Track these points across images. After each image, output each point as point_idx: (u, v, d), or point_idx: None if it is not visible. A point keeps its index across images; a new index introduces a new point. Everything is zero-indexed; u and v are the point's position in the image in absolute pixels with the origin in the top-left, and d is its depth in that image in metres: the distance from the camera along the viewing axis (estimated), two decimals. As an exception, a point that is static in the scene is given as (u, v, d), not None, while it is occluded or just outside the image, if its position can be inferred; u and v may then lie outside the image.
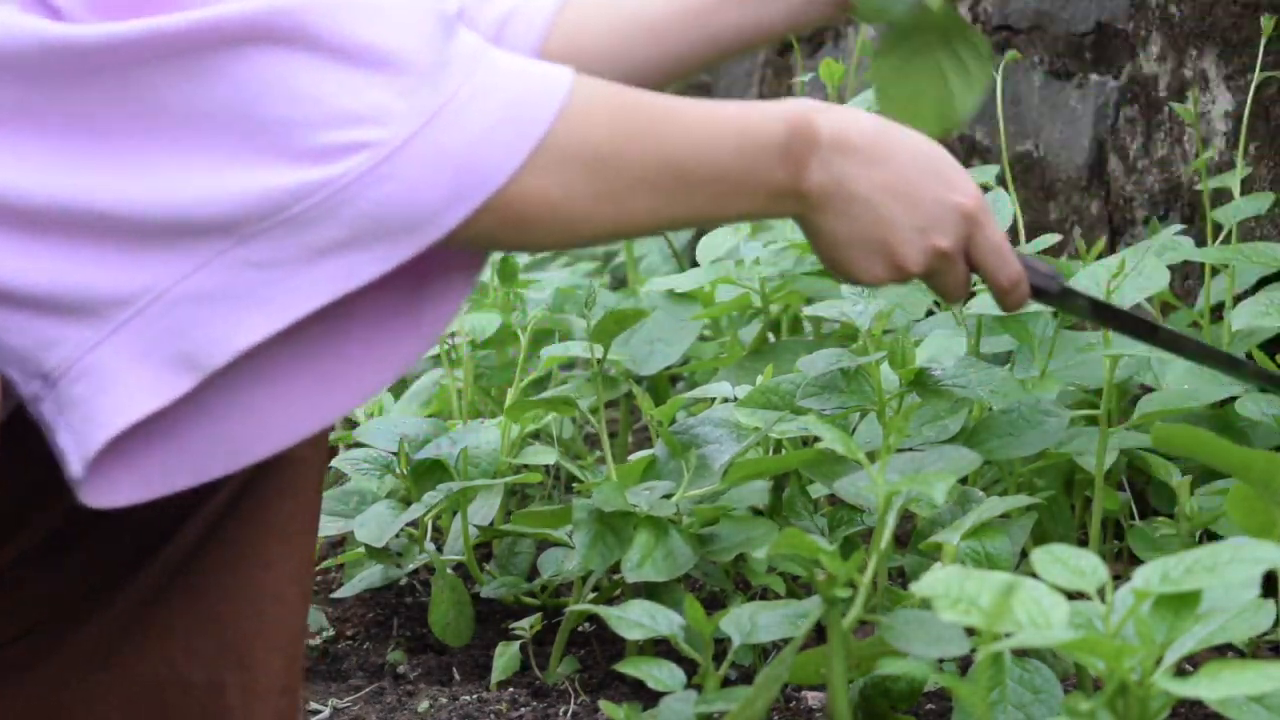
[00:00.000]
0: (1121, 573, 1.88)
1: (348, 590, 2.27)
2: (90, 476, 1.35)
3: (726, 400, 2.18)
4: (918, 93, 1.69)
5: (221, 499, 1.59)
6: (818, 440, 1.91)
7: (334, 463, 2.27)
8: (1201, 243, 2.28)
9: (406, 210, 1.34)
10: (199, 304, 1.33)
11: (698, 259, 2.52)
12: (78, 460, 1.35)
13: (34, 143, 1.31)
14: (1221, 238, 2.28)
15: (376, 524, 2.16)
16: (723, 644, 1.78)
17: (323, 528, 2.21)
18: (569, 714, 2.01)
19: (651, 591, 2.00)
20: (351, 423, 2.58)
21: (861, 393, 1.99)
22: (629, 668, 1.82)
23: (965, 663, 1.93)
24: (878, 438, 1.99)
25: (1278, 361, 2.10)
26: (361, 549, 2.24)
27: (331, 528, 2.22)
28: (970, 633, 1.63)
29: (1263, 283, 2.24)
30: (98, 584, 1.59)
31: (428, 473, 2.19)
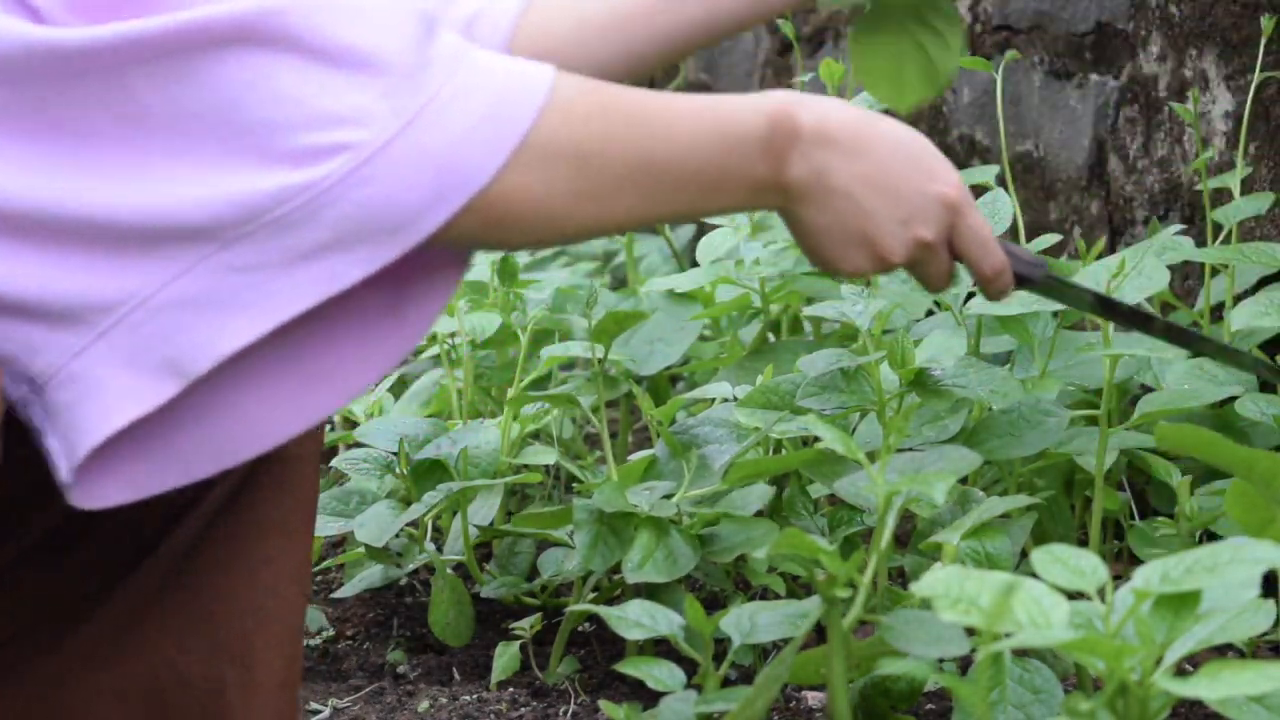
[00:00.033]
0: (1121, 573, 1.88)
1: (348, 590, 2.27)
2: (78, 478, 1.36)
3: (726, 400, 2.18)
4: (898, 66, 1.70)
5: (218, 496, 1.59)
6: (818, 440, 1.91)
7: (334, 463, 2.27)
8: (1201, 243, 2.28)
9: (389, 212, 1.34)
10: (183, 309, 1.33)
11: (698, 259, 2.51)
12: (65, 465, 1.35)
13: (16, 147, 1.31)
14: (1221, 238, 2.28)
15: (376, 524, 2.16)
16: (723, 644, 1.78)
17: (323, 528, 2.21)
18: (569, 714, 2.01)
19: (652, 591, 2.00)
20: (351, 423, 2.58)
21: (861, 393, 1.99)
22: (629, 668, 1.82)
23: (965, 663, 1.93)
24: (878, 438, 1.99)
25: (1278, 362, 2.10)
26: (361, 549, 2.24)
27: (331, 528, 2.22)
28: (970, 633, 1.63)
29: (1263, 283, 2.24)
30: (96, 583, 1.59)
31: (428, 473, 2.18)
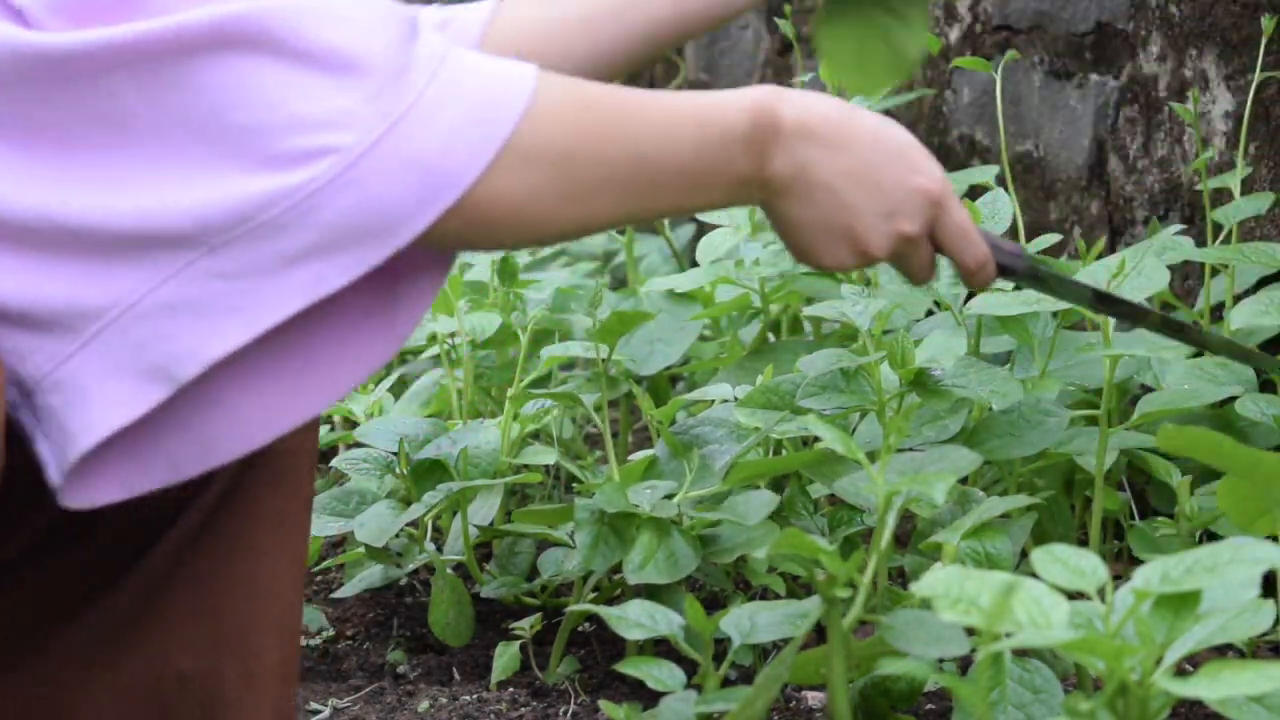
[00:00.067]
0: (1121, 573, 1.88)
1: (348, 590, 2.27)
2: (68, 479, 1.36)
3: (726, 400, 2.18)
4: (863, 52, 1.69)
5: (214, 492, 1.59)
6: (818, 440, 1.91)
7: (334, 462, 2.27)
8: (1201, 243, 2.28)
9: (374, 215, 1.34)
10: (170, 315, 1.33)
11: (698, 259, 2.51)
12: (56, 469, 1.36)
13: (2, 153, 1.31)
14: (1221, 238, 2.28)
15: (376, 524, 2.16)
16: (723, 644, 1.78)
17: (323, 527, 2.21)
18: (569, 714, 2.01)
19: (652, 591, 1.99)
20: (351, 422, 2.58)
21: (861, 393, 1.99)
22: (629, 668, 1.82)
23: (965, 663, 1.93)
24: (878, 438, 1.99)
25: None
26: (361, 549, 2.24)
27: (331, 528, 2.22)
28: (970, 633, 1.63)
29: (1263, 283, 2.24)
30: (95, 581, 1.59)
31: (428, 473, 2.18)
